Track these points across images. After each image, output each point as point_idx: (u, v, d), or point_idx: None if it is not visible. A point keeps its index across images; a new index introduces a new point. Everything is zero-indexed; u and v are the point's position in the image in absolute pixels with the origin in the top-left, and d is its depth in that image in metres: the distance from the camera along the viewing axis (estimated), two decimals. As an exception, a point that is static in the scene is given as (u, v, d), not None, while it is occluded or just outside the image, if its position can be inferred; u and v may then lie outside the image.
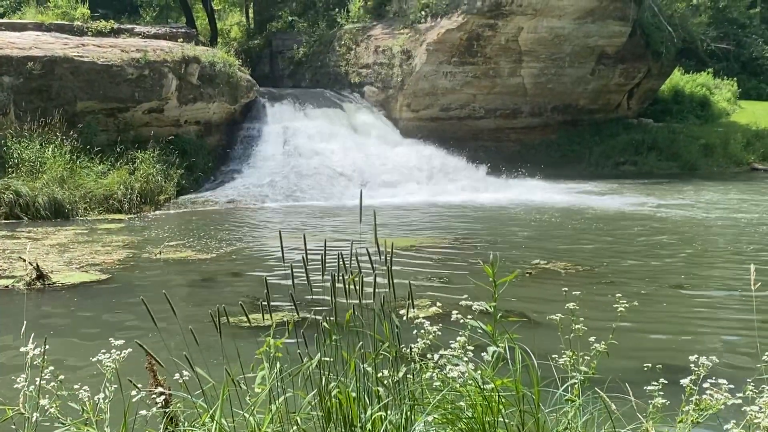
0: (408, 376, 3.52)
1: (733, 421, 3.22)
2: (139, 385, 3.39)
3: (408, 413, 3.35)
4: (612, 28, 28.34)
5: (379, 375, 3.51)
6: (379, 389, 3.47)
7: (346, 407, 3.37)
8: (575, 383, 3.50)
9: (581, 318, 3.84)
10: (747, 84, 39.99)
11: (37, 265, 10.12)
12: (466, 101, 27.98)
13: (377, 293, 3.61)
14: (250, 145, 23.56)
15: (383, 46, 26.95)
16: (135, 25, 25.24)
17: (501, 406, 3.30)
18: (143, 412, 3.36)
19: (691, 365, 3.44)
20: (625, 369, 5.44)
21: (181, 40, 23.31)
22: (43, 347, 3.42)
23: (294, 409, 3.43)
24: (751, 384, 3.32)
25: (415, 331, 3.73)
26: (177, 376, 3.42)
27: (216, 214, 18.35)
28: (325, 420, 3.39)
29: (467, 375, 3.38)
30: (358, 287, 3.62)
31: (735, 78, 38.51)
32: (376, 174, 22.66)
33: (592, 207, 18.92)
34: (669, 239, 14.15)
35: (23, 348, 3.45)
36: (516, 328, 3.66)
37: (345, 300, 3.61)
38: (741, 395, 3.28)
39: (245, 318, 3.76)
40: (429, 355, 3.62)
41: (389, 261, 3.61)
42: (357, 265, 3.66)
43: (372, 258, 3.67)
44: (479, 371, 3.41)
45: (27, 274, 10.05)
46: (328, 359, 3.50)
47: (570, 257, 12.01)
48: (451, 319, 3.72)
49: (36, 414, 3.29)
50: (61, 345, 7.41)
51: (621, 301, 3.92)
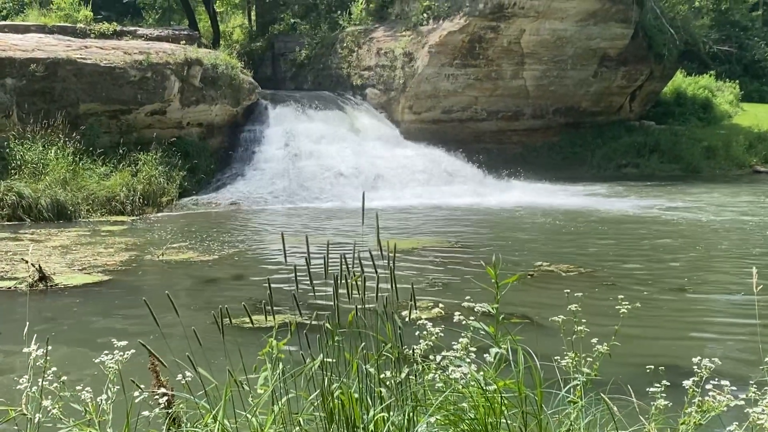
0: (410, 377, 3.52)
1: (736, 423, 3.22)
2: (142, 386, 3.39)
3: (410, 414, 3.35)
4: (614, 30, 28.34)
5: (382, 376, 3.51)
6: (382, 390, 3.47)
7: (348, 408, 3.37)
8: (577, 385, 3.50)
9: (583, 320, 3.83)
10: (749, 86, 39.96)
11: (40, 267, 10.13)
12: (468, 103, 27.98)
13: (380, 295, 3.61)
14: (252, 148, 23.56)
15: (385, 48, 26.95)
16: (138, 28, 25.31)
17: (503, 407, 3.30)
18: (146, 413, 3.36)
19: (694, 367, 3.44)
20: (628, 371, 5.43)
21: (184, 42, 23.34)
22: (46, 348, 3.43)
23: (296, 410, 3.43)
24: (754, 386, 3.31)
25: (418, 333, 3.73)
26: (180, 377, 3.42)
27: (218, 216, 18.37)
28: (328, 421, 3.40)
29: (470, 376, 3.37)
30: (360, 289, 3.62)
31: (737, 80, 38.47)
32: (378, 176, 22.65)
33: (595, 209, 18.89)
34: (673, 242, 14.12)
35: (26, 349, 3.45)
36: (518, 329, 3.66)
37: (347, 301, 3.62)
38: (744, 397, 3.27)
39: (247, 319, 3.77)
40: (431, 357, 3.62)
41: (392, 262, 3.61)
42: (360, 267, 3.67)
43: (374, 259, 3.67)
44: (482, 373, 3.41)
45: (29, 275, 10.07)
46: (330, 360, 3.50)
47: (573, 260, 12.00)
48: (454, 321, 3.72)
49: (38, 415, 3.30)
50: (64, 346, 7.42)
51: (623, 303, 3.91)
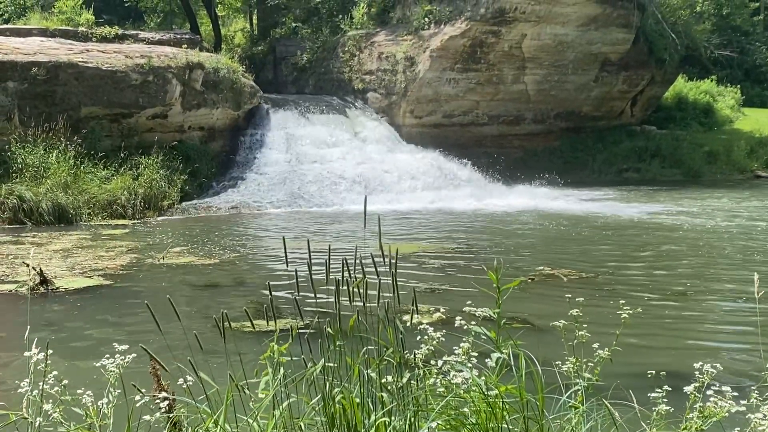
0: (412, 381, 3.51)
1: (737, 429, 3.21)
2: (143, 390, 3.39)
3: (412, 419, 3.34)
4: (615, 35, 28.37)
5: (383, 381, 3.51)
6: (383, 395, 3.47)
7: (349, 413, 3.37)
8: (579, 390, 3.49)
9: (584, 325, 3.83)
10: (750, 91, 39.99)
11: (41, 270, 10.13)
12: (469, 108, 28.00)
13: (381, 299, 3.61)
14: (253, 151, 23.59)
15: (387, 52, 26.98)
16: (139, 31, 25.36)
17: (505, 412, 3.30)
18: (147, 417, 3.35)
19: (696, 372, 3.43)
20: (629, 376, 5.42)
21: (185, 46, 23.38)
22: (47, 352, 3.43)
23: (298, 415, 3.43)
24: (755, 392, 3.31)
25: (419, 337, 3.73)
26: (181, 381, 3.42)
27: (219, 219, 18.38)
28: (329, 425, 3.39)
29: (471, 381, 3.37)
30: (362, 293, 3.61)
31: (738, 85, 38.50)
32: (379, 180, 22.68)
33: (596, 214, 18.87)
34: (677, 247, 14.05)
35: (27, 353, 3.45)
36: (520, 334, 3.66)
37: (349, 305, 3.61)
38: (745, 403, 3.27)
39: (248, 323, 3.76)
40: (433, 361, 3.62)
41: (394, 267, 3.60)
42: (361, 271, 3.67)
43: (376, 264, 3.67)
44: (483, 377, 3.40)
45: (30, 279, 10.07)
46: (332, 365, 3.49)
47: (575, 265, 11.99)
48: (455, 325, 3.72)
49: (39, 419, 3.29)
50: (65, 350, 7.41)
51: (625, 308, 3.91)
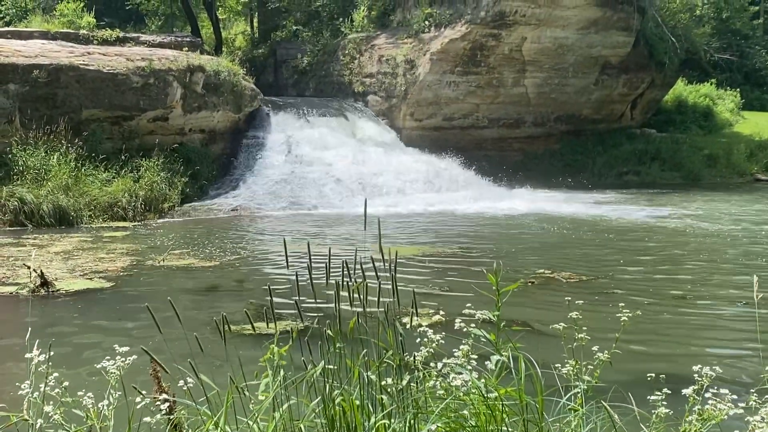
0: (412, 384, 3.52)
1: (737, 431, 3.22)
2: (144, 392, 3.40)
3: (411, 421, 3.35)
4: (615, 38, 28.41)
5: (383, 383, 3.51)
6: (383, 397, 3.48)
7: (349, 415, 3.37)
8: (578, 392, 3.50)
9: (584, 328, 3.84)
10: (750, 95, 40.02)
11: (42, 272, 10.14)
12: (469, 111, 28.02)
13: (381, 301, 3.62)
14: (253, 154, 23.62)
15: (387, 55, 27.02)
16: (140, 34, 25.39)
17: (504, 415, 3.30)
18: (147, 419, 3.36)
19: (695, 375, 3.44)
20: (628, 379, 5.43)
21: (186, 48, 23.42)
22: (48, 354, 3.44)
23: (298, 417, 3.44)
24: (754, 394, 3.32)
25: (419, 340, 3.73)
26: (181, 383, 3.42)
27: (220, 221, 18.39)
28: (329, 428, 3.40)
29: (471, 384, 3.38)
30: (362, 295, 3.62)
31: (738, 89, 38.54)
32: (379, 183, 22.69)
33: (597, 217, 18.87)
34: (679, 250, 14.01)
35: (28, 354, 3.46)
36: (519, 337, 3.66)
37: (349, 308, 3.62)
38: (744, 405, 3.27)
39: (248, 325, 3.77)
40: (432, 364, 3.62)
41: (393, 269, 3.61)
42: (361, 273, 3.67)
43: (376, 266, 3.68)
44: (483, 380, 3.41)
45: (31, 281, 10.07)
46: (331, 367, 3.50)
47: (574, 267, 11.99)
48: (455, 328, 3.73)
49: (40, 420, 3.30)
50: (65, 351, 7.42)
51: (624, 311, 3.92)
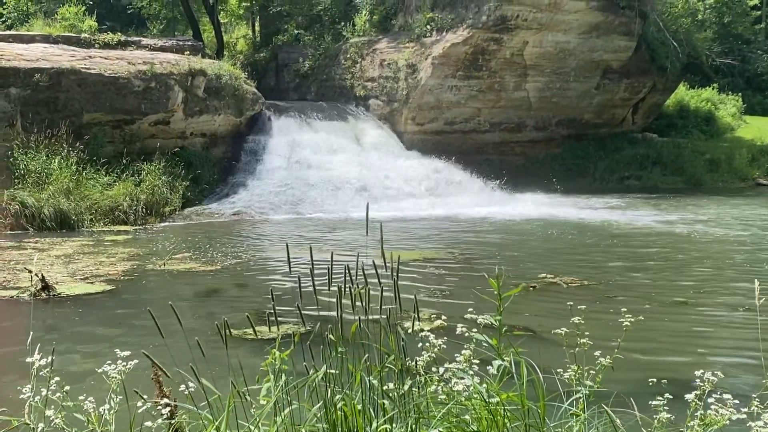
0: (413, 389, 3.52)
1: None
2: (145, 396, 3.40)
3: (413, 426, 3.35)
4: (617, 42, 28.43)
5: (385, 388, 3.51)
6: (385, 402, 3.47)
7: (351, 420, 3.37)
8: (580, 397, 3.49)
9: (586, 333, 3.83)
10: (752, 99, 40.04)
11: (42, 276, 10.14)
12: (470, 115, 28.04)
13: (383, 306, 3.62)
14: (255, 158, 23.63)
15: (388, 59, 27.05)
16: (142, 38, 25.45)
17: (506, 419, 3.30)
18: (148, 423, 3.36)
19: (697, 380, 3.43)
20: (630, 384, 5.43)
21: (188, 52, 23.45)
22: (49, 358, 3.43)
23: (299, 422, 3.43)
24: (756, 399, 3.31)
25: (421, 344, 3.73)
26: (182, 387, 3.42)
27: (221, 226, 18.39)
28: (331, 432, 3.39)
29: (472, 388, 3.37)
30: (364, 300, 3.62)
31: (740, 93, 38.55)
32: (380, 187, 22.69)
33: (599, 221, 18.85)
34: (683, 255, 13.95)
35: (29, 358, 3.46)
36: (521, 342, 3.66)
37: (351, 312, 3.62)
38: (746, 411, 3.27)
39: (250, 330, 3.77)
40: (434, 368, 3.62)
41: (396, 274, 3.61)
42: (363, 278, 3.67)
43: (378, 271, 3.68)
44: (484, 385, 3.41)
45: (32, 285, 10.07)
46: (333, 371, 3.50)
47: (577, 272, 11.97)
48: (456, 333, 3.72)
49: (41, 425, 3.30)
50: (66, 356, 7.42)
51: (626, 316, 3.91)
